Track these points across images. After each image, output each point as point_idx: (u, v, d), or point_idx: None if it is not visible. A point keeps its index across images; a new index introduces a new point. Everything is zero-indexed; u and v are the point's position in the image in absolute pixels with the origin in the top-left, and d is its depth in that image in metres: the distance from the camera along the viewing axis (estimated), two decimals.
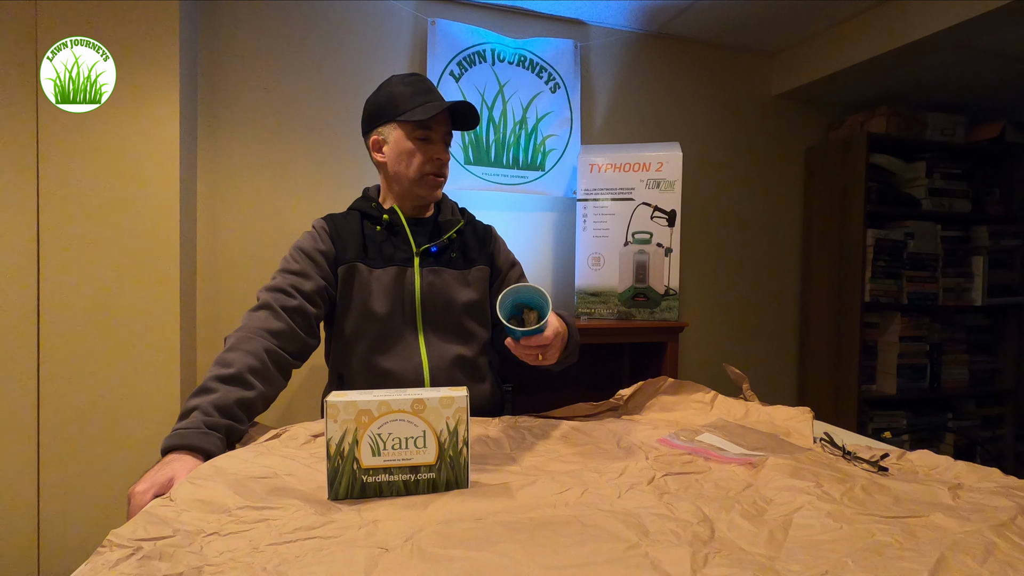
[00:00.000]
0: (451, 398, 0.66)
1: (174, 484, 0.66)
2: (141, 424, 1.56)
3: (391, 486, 0.66)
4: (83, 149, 1.50)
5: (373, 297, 1.07)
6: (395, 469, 0.65)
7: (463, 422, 0.67)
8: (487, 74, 2.00)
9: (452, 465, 0.67)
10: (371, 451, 0.65)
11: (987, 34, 1.86)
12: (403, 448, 0.65)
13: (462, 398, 0.66)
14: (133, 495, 0.67)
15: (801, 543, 0.55)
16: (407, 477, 0.66)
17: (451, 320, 1.11)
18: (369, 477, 0.65)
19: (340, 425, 0.64)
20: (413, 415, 0.65)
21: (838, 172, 2.38)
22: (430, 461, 0.66)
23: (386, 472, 0.65)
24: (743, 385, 1.12)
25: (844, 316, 2.34)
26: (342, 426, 0.64)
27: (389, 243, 1.11)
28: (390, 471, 0.65)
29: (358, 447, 0.64)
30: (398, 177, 1.13)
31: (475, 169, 2.01)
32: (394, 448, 0.65)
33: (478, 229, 1.23)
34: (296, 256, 1.07)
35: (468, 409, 0.67)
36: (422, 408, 0.65)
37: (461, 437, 0.67)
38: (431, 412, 0.65)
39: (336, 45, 1.89)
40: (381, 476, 0.65)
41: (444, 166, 1.13)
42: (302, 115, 1.86)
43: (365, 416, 0.64)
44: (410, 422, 0.65)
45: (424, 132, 1.10)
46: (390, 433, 0.65)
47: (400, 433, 0.65)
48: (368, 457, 0.65)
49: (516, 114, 2.04)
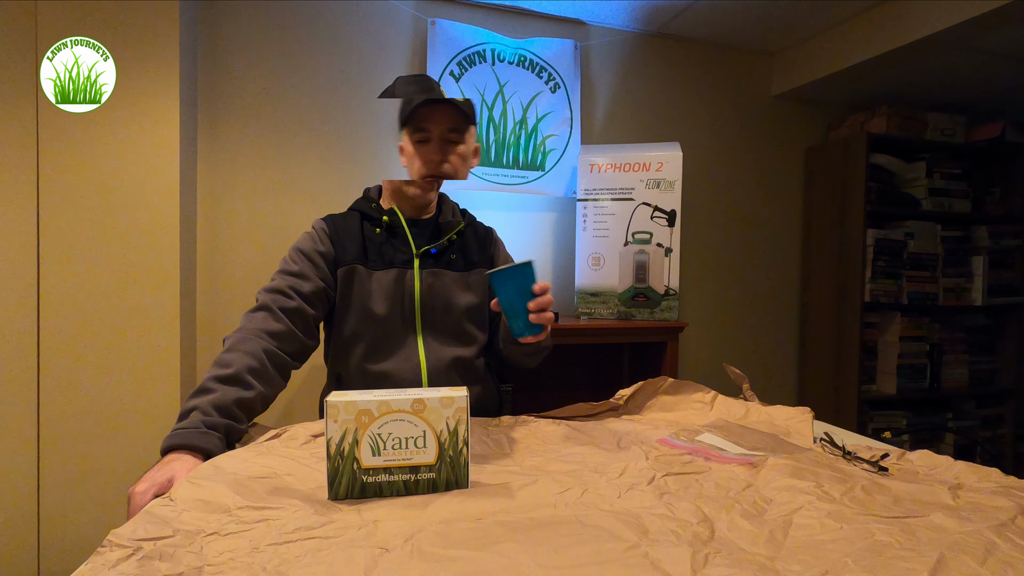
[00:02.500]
0: (451, 398, 0.66)
1: (174, 484, 0.66)
2: (141, 424, 1.56)
3: (391, 486, 0.66)
4: (83, 149, 1.50)
5: (372, 299, 1.06)
6: (395, 469, 0.65)
7: (463, 422, 0.67)
8: (487, 74, 2.00)
9: (452, 465, 0.67)
10: (371, 451, 0.65)
11: (987, 34, 1.86)
12: (403, 448, 0.65)
13: (462, 398, 0.67)
14: (133, 495, 0.67)
15: (801, 543, 0.55)
16: (407, 477, 0.66)
17: (450, 322, 1.11)
18: (369, 477, 0.65)
19: (340, 425, 0.64)
20: (413, 415, 0.65)
21: (838, 172, 2.38)
22: (430, 461, 0.66)
23: (386, 472, 0.65)
24: (743, 385, 1.12)
25: (844, 316, 2.34)
26: (342, 426, 0.64)
27: (389, 244, 1.11)
28: (390, 471, 0.65)
29: (358, 447, 0.64)
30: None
31: (475, 169, 2.01)
32: (394, 448, 0.65)
33: (479, 231, 1.23)
34: (295, 257, 1.07)
35: (468, 409, 0.67)
36: (422, 408, 0.65)
37: (461, 437, 0.67)
38: (431, 412, 0.66)
39: (336, 45, 1.89)
40: (381, 476, 0.65)
41: (440, 166, 1.11)
42: (302, 115, 1.86)
43: (365, 416, 0.64)
44: (410, 422, 0.65)
45: (421, 134, 1.09)
46: (390, 433, 0.65)
47: (400, 433, 0.65)
48: (368, 457, 0.65)
49: (516, 114, 2.04)
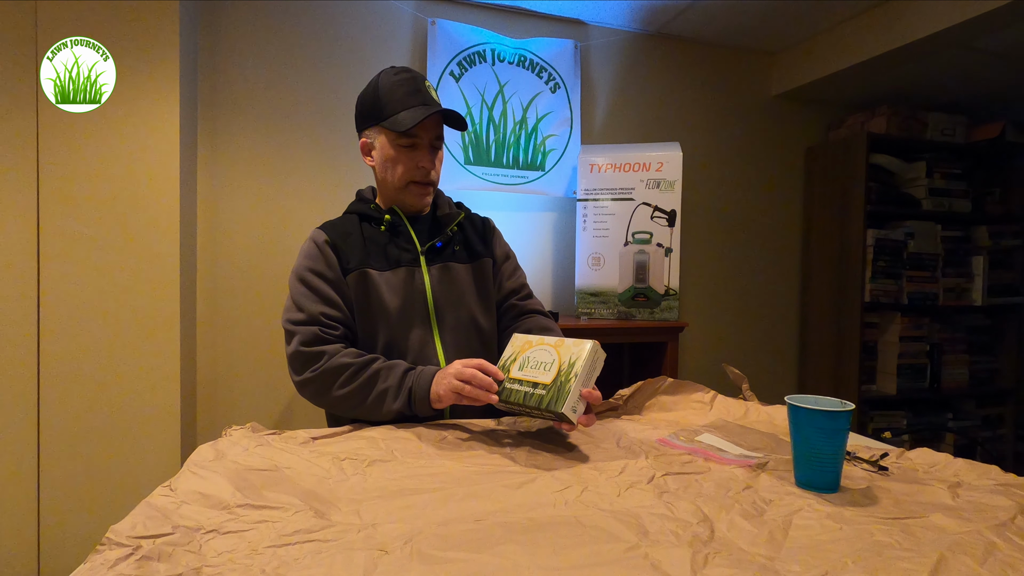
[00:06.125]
0: (582, 343, 0.84)
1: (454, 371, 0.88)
2: (141, 424, 1.56)
3: (517, 393, 0.84)
4: (83, 149, 1.50)
5: (386, 300, 1.05)
6: (524, 381, 0.84)
7: (581, 359, 0.81)
8: (487, 74, 2.00)
9: (558, 389, 0.80)
10: (519, 366, 0.87)
11: (987, 34, 1.86)
12: (536, 368, 0.85)
13: (590, 345, 0.83)
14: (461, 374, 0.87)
15: (801, 543, 0.55)
16: (528, 389, 0.83)
17: (463, 315, 1.10)
18: (510, 384, 0.86)
19: (512, 348, 0.91)
20: (553, 348, 0.86)
21: (838, 172, 2.37)
22: (547, 381, 0.82)
23: (519, 383, 0.85)
24: (743, 385, 1.12)
25: (844, 316, 2.34)
26: (513, 349, 0.91)
27: (393, 244, 1.10)
28: (521, 382, 0.85)
29: (515, 362, 0.88)
30: (385, 183, 1.11)
31: (475, 169, 2.01)
32: (532, 368, 0.85)
33: (476, 222, 1.22)
34: (315, 283, 1.03)
35: (590, 354, 0.82)
36: (560, 344, 0.86)
37: (575, 371, 0.81)
38: (565, 349, 0.85)
39: (336, 45, 1.89)
40: (515, 385, 0.85)
41: (430, 174, 1.09)
42: (302, 115, 1.86)
43: (528, 344, 0.90)
44: (549, 352, 0.86)
45: (410, 140, 1.05)
46: (535, 357, 0.87)
47: (540, 358, 0.86)
48: (516, 370, 0.87)
49: (516, 114, 2.04)
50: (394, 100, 1.04)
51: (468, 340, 1.10)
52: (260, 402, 1.86)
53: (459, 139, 1.99)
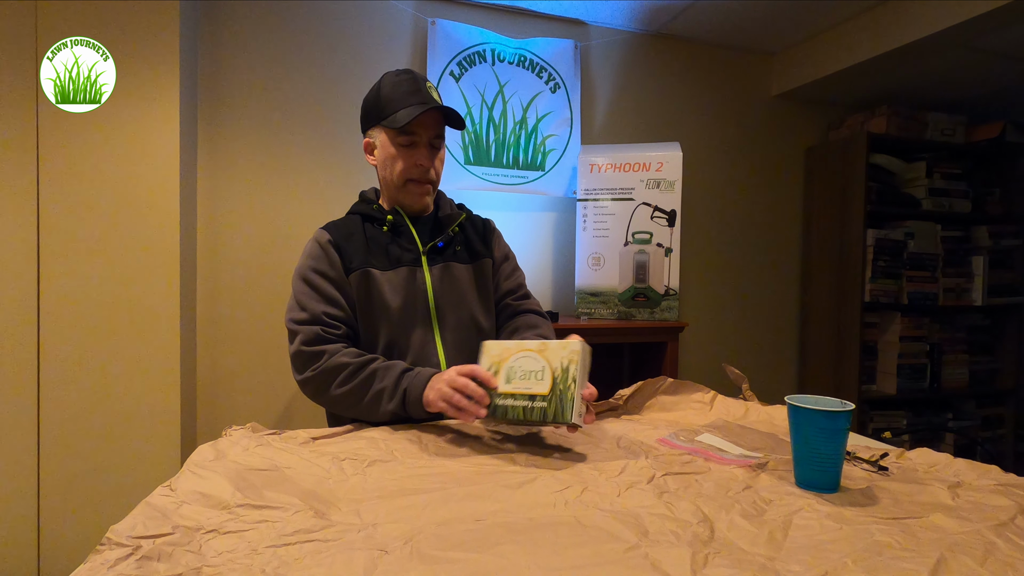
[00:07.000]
0: (567, 343, 0.80)
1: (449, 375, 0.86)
2: (141, 424, 1.56)
3: (513, 410, 0.79)
4: (83, 149, 1.50)
5: (387, 299, 1.06)
6: (519, 395, 0.79)
7: (575, 363, 0.78)
8: (487, 74, 2.00)
9: (560, 398, 0.77)
10: (505, 378, 0.81)
11: (987, 34, 1.86)
12: (527, 379, 0.80)
13: (576, 343, 0.79)
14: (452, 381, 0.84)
15: (801, 543, 0.55)
16: (526, 403, 0.79)
17: (464, 315, 1.11)
18: (500, 400, 0.80)
19: (488, 359, 0.83)
20: (538, 353, 0.81)
21: (838, 172, 2.37)
22: (544, 392, 0.78)
23: (512, 397, 0.80)
24: (743, 385, 1.12)
25: (844, 316, 2.34)
26: (489, 360, 0.83)
27: (395, 244, 1.10)
28: (515, 396, 0.79)
29: (498, 375, 0.82)
30: (386, 182, 1.12)
31: (475, 169, 2.01)
32: (521, 378, 0.80)
33: (477, 223, 1.23)
34: (318, 283, 1.04)
35: (582, 354, 0.78)
36: (544, 348, 0.81)
37: (571, 375, 0.77)
38: (551, 352, 0.80)
39: (336, 45, 1.89)
40: (508, 400, 0.80)
41: (428, 172, 1.10)
42: (302, 115, 1.86)
43: (506, 352, 0.82)
44: (535, 359, 0.80)
45: (408, 138, 1.07)
46: (521, 366, 0.81)
47: (527, 367, 0.80)
48: (503, 383, 0.81)
49: (516, 114, 2.04)
50: (394, 99, 1.06)
51: (468, 340, 1.10)
52: (260, 402, 1.86)
53: (459, 139, 1.99)
